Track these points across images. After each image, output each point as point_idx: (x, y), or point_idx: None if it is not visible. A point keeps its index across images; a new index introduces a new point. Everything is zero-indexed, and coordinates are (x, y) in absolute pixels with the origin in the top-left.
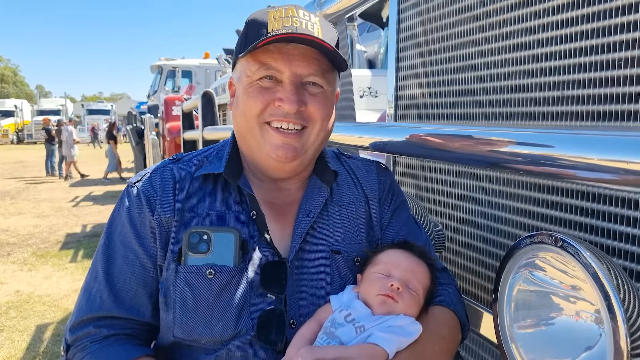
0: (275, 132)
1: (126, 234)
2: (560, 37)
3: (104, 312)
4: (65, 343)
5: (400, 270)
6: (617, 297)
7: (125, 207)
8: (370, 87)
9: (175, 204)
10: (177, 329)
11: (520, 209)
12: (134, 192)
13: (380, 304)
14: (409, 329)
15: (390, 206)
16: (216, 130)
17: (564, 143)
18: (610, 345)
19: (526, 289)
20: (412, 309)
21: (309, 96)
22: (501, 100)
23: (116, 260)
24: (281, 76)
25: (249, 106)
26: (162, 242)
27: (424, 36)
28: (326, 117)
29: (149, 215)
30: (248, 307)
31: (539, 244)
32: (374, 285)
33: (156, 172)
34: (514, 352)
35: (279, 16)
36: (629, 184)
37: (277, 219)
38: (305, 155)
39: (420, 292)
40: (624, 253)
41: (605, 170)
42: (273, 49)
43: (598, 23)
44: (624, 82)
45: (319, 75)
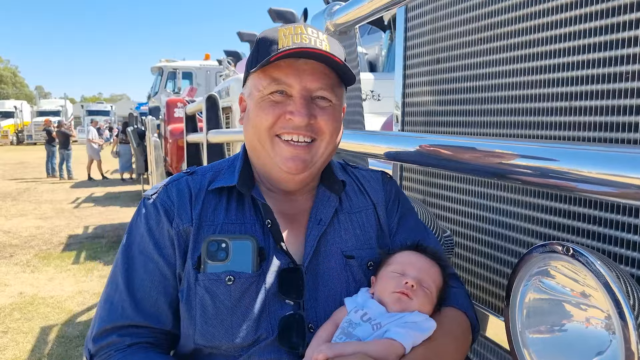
0: (286, 145)
1: (145, 245)
2: (567, 49)
3: (126, 321)
4: (89, 353)
5: (415, 269)
6: (627, 304)
7: (143, 218)
8: (373, 91)
9: (193, 214)
10: (198, 336)
11: (529, 216)
12: (151, 204)
13: (395, 301)
14: (424, 325)
15: (397, 213)
16: (220, 133)
17: (567, 157)
18: (622, 351)
19: (538, 296)
20: (426, 307)
21: (318, 109)
22: (508, 110)
23: (136, 270)
24: (291, 90)
25: (260, 119)
26: (180, 251)
27: (432, 45)
28: (335, 130)
29: (167, 226)
30: (267, 313)
31: (551, 252)
32: (389, 283)
33: (172, 184)
34: (526, 357)
35: (288, 33)
36: (628, 197)
37: (290, 228)
38: (314, 167)
39: (433, 291)
40: (632, 261)
41: (606, 184)
42: (284, 64)
43: (605, 37)
44: (632, 94)
45: (328, 89)
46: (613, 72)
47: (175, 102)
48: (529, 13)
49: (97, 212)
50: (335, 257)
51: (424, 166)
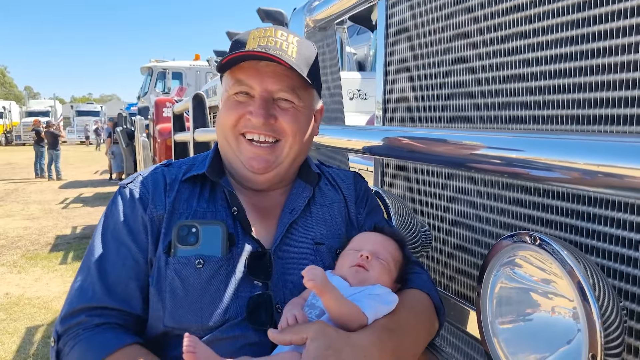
0: (249, 145)
1: (119, 231)
2: (541, 44)
3: (96, 303)
4: (57, 334)
5: (370, 244)
6: (591, 293)
7: (118, 205)
8: (360, 90)
9: (166, 202)
10: (167, 318)
11: (502, 208)
12: (127, 192)
13: (354, 274)
14: (387, 297)
15: (365, 209)
16: (207, 132)
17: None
18: (586, 339)
19: (508, 286)
20: (384, 278)
21: (280, 110)
22: (485, 104)
23: (108, 255)
24: (253, 92)
25: (225, 118)
26: (153, 237)
27: (411, 41)
28: (299, 131)
29: (141, 212)
30: (236, 295)
31: (520, 242)
32: (346, 259)
33: (148, 175)
34: (496, 346)
35: (257, 36)
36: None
37: (261, 219)
38: (281, 167)
39: (391, 263)
40: (597, 250)
41: (573, 172)
42: (247, 66)
43: (578, 30)
44: (602, 87)
45: (288, 91)
46: (584, 65)
47: (164, 102)
48: (505, 8)
49: (86, 212)
50: (306, 243)
51: (399, 159)
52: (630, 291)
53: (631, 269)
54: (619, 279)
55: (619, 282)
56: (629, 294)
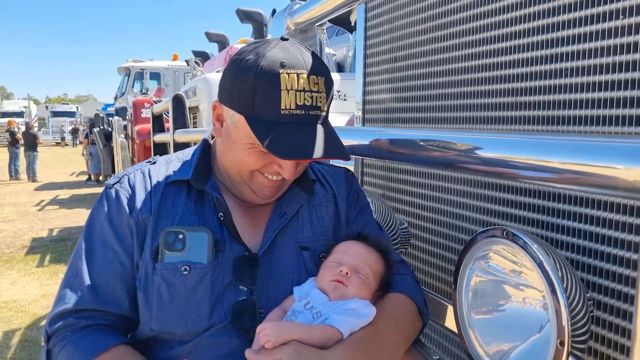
0: (263, 178)
1: (105, 234)
2: (517, 47)
3: (83, 305)
4: (46, 334)
5: (351, 258)
6: (559, 284)
7: (104, 207)
8: (340, 90)
9: (152, 205)
10: (154, 322)
11: (478, 206)
12: (113, 194)
13: (333, 290)
14: (362, 311)
15: (356, 206)
16: (187, 133)
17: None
18: (554, 327)
19: (482, 279)
20: (363, 292)
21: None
22: (462, 106)
23: (95, 258)
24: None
25: (246, 162)
26: (139, 240)
27: (390, 43)
28: (304, 168)
29: (127, 215)
30: (221, 301)
31: (493, 237)
32: (326, 273)
33: (133, 174)
34: (472, 337)
35: (290, 87)
36: (568, 182)
37: (249, 219)
38: (283, 190)
39: (370, 277)
40: (567, 245)
41: (545, 170)
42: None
43: (554, 34)
44: (576, 89)
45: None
46: (559, 68)
47: (142, 102)
48: (482, 12)
49: (63, 214)
50: (290, 247)
51: (376, 158)
52: (597, 283)
53: (598, 261)
54: (587, 272)
55: (587, 275)
56: (596, 285)
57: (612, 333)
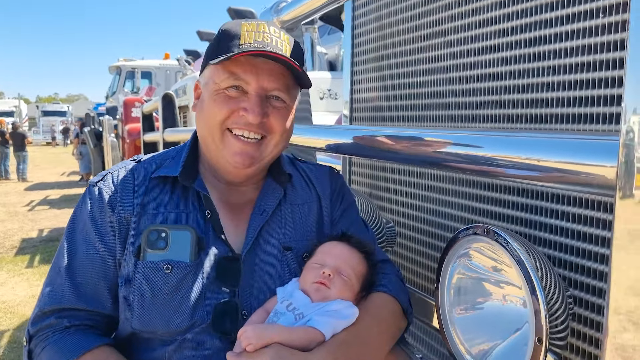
0: (235, 140)
1: (88, 232)
2: (500, 45)
3: (65, 304)
4: (28, 334)
5: (333, 259)
6: (537, 280)
7: (87, 205)
8: (330, 89)
9: (135, 202)
10: (135, 320)
11: (462, 204)
12: (96, 192)
13: (315, 291)
14: (345, 312)
15: (340, 205)
16: (177, 132)
17: (492, 144)
18: (532, 323)
19: (464, 276)
20: (346, 294)
21: (272, 109)
22: (447, 104)
23: (78, 255)
24: (247, 87)
25: (213, 112)
26: (121, 238)
27: (377, 42)
28: (285, 130)
29: (109, 213)
30: (203, 300)
31: (474, 235)
32: (309, 275)
33: (117, 172)
34: (454, 335)
35: (251, 30)
36: (550, 180)
37: (232, 217)
38: (262, 163)
39: (353, 278)
40: (547, 242)
41: (530, 169)
42: (243, 60)
43: (533, 33)
44: (556, 87)
45: (283, 90)
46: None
47: (132, 101)
48: (468, 10)
49: (53, 214)
50: (273, 247)
51: (362, 157)
52: (578, 280)
53: (579, 259)
54: (568, 269)
55: (569, 272)
56: (578, 283)
57: (588, 328)
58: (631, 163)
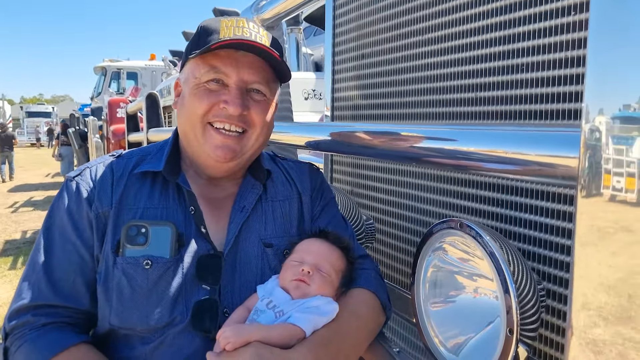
0: (216, 133)
1: (65, 226)
2: (475, 43)
3: (42, 301)
4: (4, 331)
5: (312, 256)
6: (508, 270)
7: (64, 200)
8: (315, 90)
9: (113, 198)
10: (113, 317)
11: (438, 200)
12: (73, 186)
13: (295, 289)
14: (325, 308)
15: (320, 202)
16: (161, 132)
17: (466, 137)
18: (504, 315)
19: (438, 270)
20: (326, 290)
21: (252, 102)
22: (425, 102)
23: (54, 251)
24: (228, 80)
25: (194, 106)
26: (99, 233)
27: (357, 41)
28: (266, 124)
29: (86, 208)
30: (183, 297)
31: (448, 229)
32: (288, 272)
33: (95, 167)
34: (429, 328)
35: (230, 25)
36: (519, 173)
37: (213, 213)
38: (243, 157)
39: (332, 275)
40: (520, 236)
41: (503, 161)
42: (223, 54)
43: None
44: (530, 84)
45: (263, 83)
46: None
47: (117, 102)
48: (443, 9)
49: (37, 216)
50: (254, 244)
51: (340, 153)
52: (552, 273)
53: (552, 253)
54: (540, 263)
55: (542, 266)
56: (551, 276)
57: (556, 318)
58: (593, 154)
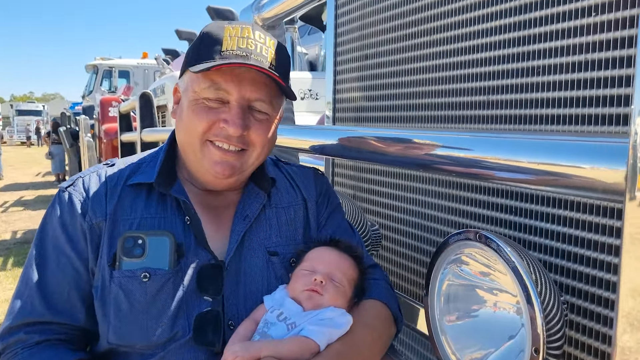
0: (215, 149)
1: (58, 238)
2: (486, 45)
3: (35, 318)
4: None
5: (324, 265)
6: (534, 289)
7: (56, 211)
8: (311, 90)
9: (107, 208)
10: (111, 334)
11: (450, 207)
12: (66, 197)
13: (307, 299)
14: (339, 320)
15: (326, 209)
16: (155, 132)
17: (487, 146)
18: (529, 334)
19: (454, 283)
20: (339, 301)
21: (254, 121)
22: (432, 104)
23: (48, 264)
24: (229, 97)
25: (193, 123)
26: (93, 245)
27: (360, 41)
28: (266, 143)
29: (80, 219)
30: (184, 310)
31: (466, 240)
32: (299, 282)
33: (88, 177)
34: (444, 343)
35: (234, 35)
36: (543, 183)
37: (213, 221)
38: (243, 174)
39: (345, 284)
40: (539, 246)
41: (518, 171)
42: (225, 68)
43: (520, 32)
44: (542, 88)
45: (266, 101)
46: (527, 66)
47: (109, 100)
48: (452, 9)
49: (27, 216)
50: (259, 253)
51: (348, 159)
52: (571, 285)
53: (571, 263)
54: (559, 274)
55: (560, 277)
56: (570, 288)
57: (586, 337)
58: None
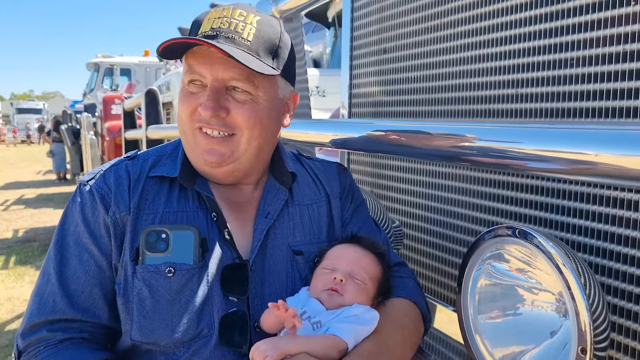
0: (203, 137)
1: (80, 234)
2: (511, 37)
3: (57, 315)
4: (17, 349)
5: (344, 263)
6: (581, 288)
7: (78, 205)
8: (318, 87)
9: (131, 202)
10: (134, 331)
11: (477, 204)
12: (87, 190)
13: (328, 299)
14: (364, 317)
15: (351, 205)
16: (160, 129)
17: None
18: (575, 332)
19: (489, 281)
20: (361, 298)
21: (234, 103)
22: (454, 98)
23: (69, 261)
24: (205, 80)
25: (181, 111)
26: (117, 240)
27: (379, 34)
28: (257, 125)
29: (103, 214)
30: (210, 307)
31: (503, 236)
32: (319, 281)
33: (110, 170)
34: (479, 343)
35: (212, 17)
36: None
37: (236, 217)
38: (239, 162)
39: (367, 282)
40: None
41: (549, 161)
42: (198, 51)
43: (547, 24)
44: (575, 80)
45: (242, 80)
46: (553, 59)
47: (112, 98)
48: (473, 2)
49: (29, 214)
50: (283, 252)
51: (372, 152)
52: (613, 285)
53: (613, 263)
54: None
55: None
56: (611, 288)
57: (630, 339)
58: None
